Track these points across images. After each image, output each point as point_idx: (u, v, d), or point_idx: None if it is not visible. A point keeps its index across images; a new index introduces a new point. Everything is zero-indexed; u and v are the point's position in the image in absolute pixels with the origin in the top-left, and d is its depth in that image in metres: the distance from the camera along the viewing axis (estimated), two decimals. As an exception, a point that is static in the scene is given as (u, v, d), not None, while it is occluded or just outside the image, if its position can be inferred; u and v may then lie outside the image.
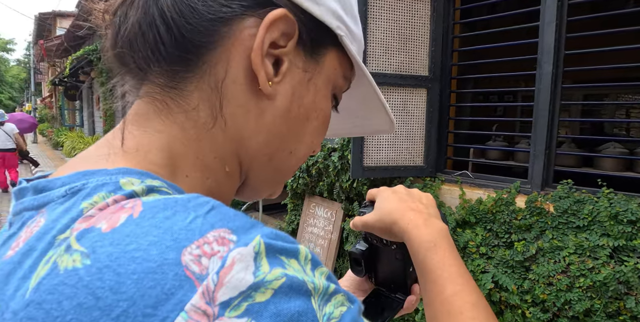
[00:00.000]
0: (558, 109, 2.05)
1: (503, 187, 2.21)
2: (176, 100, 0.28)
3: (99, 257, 0.18)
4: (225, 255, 0.19)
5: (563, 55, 2.02)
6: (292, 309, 0.18)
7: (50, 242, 0.20)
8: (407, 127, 2.40)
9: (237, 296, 0.18)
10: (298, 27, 0.29)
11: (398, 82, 2.32)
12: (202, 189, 0.29)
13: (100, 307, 0.17)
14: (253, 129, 0.30)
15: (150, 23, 0.27)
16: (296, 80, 0.31)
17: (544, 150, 2.06)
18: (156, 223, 0.19)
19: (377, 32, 2.26)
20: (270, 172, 0.34)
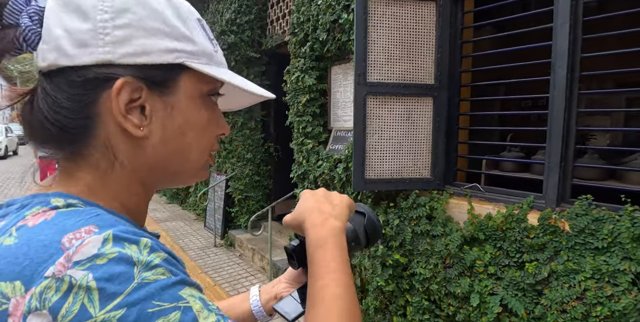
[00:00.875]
0: (575, 117, 1.88)
1: (515, 202, 2.05)
2: (84, 162, 0.40)
3: (22, 239, 0.32)
4: (85, 238, 0.31)
5: (579, 58, 1.85)
6: (116, 270, 0.30)
7: (4, 232, 0.34)
8: (412, 138, 2.29)
9: (84, 259, 0.30)
10: (141, 80, 0.39)
11: (401, 91, 2.23)
12: (113, 207, 0.41)
13: (17, 262, 0.30)
14: (144, 162, 0.42)
15: (44, 126, 0.39)
16: (161, 114, 0.41)
17: (559, 163, 1.89)
18: (57, 222, 0.33)
19: (378, 40, 2.19)
20: (175, 177, 0.45)
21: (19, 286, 0.29)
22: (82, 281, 0.29)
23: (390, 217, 2.35)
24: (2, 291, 0.29)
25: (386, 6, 2.18)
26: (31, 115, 0.40)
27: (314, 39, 2.81)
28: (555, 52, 1.88)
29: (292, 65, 3.08)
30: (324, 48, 2.78)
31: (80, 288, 0.29)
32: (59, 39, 0.37)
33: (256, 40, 4.22)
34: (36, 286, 0.29)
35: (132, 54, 0.38)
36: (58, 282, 0.29)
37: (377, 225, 0.56)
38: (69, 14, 0.37)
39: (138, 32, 0.38)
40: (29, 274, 0.30)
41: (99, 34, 0.37)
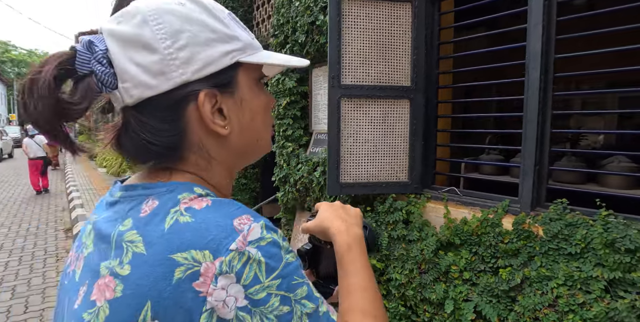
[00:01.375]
0: (549, 119, 1.84)
1: (491, 206, 2.00)
2: (187, 163, 0.48)
3: (197, 219, 0.40)
4: (249, 224, 0.40)
5: (553, 59, 1.82)
6: (273, 251, 0.40)
7: (167, 210, 0.42)
8: (388, 141, 2.25)
9: (254, 240, 0.39)
10: (214, 88, 0.46)
11: (377, 93, 2.19)
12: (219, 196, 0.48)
13: (202, 236, 0.38)
14: (230, 152, 0.50)
15: (148, 148, 0.46)
16: (234, 111, 0.48)
17: (533, 166, 1.85)
18: (220, 208, 0.42)
19: (352, 42, 2.15)
20: (252, 157, 0.55)
21: (207, 254, 0.38)
22: (255, 256, 0.39)
23: (367, 221, 2.31)
24: (193, 256, 0.38)
25: (360, 8, 2.15)
26: (130, 142, 0.46)
27: (294, 41, 2.78)
28: (529, 53, 1.85)
29: (273, 68, 3.04)
30: (304, 50, 2.75)
31: (254, 261, 0.39)
32: (137, 75, 0.42)
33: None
34: (225, 256, 0.38)
35: (200, 69, 0.44)
36: (240, 255, 0.38)
37: (375, 237, 0.59)
38: (136, 51, 0.42)
39: (196, 48, 0.44)
40: (214, 246, 0.38)
41: (169, 61, 0.42)
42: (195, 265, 0.37)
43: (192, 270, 0.37)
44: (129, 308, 0.37)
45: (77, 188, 7.92)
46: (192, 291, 0.37)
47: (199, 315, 0.37)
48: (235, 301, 0.37)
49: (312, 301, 0.41)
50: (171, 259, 0.38)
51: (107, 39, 0.43)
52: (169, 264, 0.37)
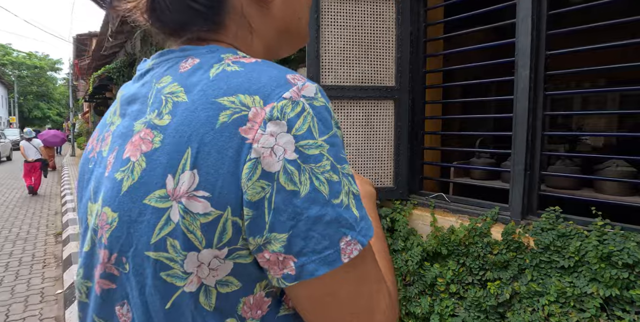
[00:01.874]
0: (541, 120, 1.71)
1: (480, 214, 1.87)
2: (227, 32, 0.44)
3: (248, 69, 0.37)
4: (304, 82, 0.36)
5: (544, 56, 1.69)
6: (325, 115, 0.36)
7: (211, 64, 0.39)
8: (372, 145, 2.13)
9: (308, 96, 0.35)
10: None
11: (358, 94, 2.06)
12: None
13: (252, 82, 0.35)
14: (272, 26, 0.46)
15: (190, 6, 0.41)
16: None
17: (524, 171, 1.72)
18: (271, 64, 0.38)
19: (332, 40, 2.03)
20: (293, 38, 0.50)
21: (258, 99, 0.34)
22: (308, 110, 0.35)
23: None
24: (241, 101, 0.34)
25: (341, 3, 2.02)
26: (169, 5, 0.40)
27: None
28: (517, 50, 1.72)
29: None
30: (286, 49, 2.62)
31: (309, 114, 0.34)
32: None
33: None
34: (277, 102, 0.34)
35: None
36: (294, 104, 0.34)
37: None
38: None
39: None
40: (266, 92, 0.34)
41: None
42: (244, 109, 0.34)
43: (240, 114, 0.34)
44: (167, 157, 0.34)
45: (71, 191, 7.84)
46: (238, 137, 0.33)
47: (242, 164, 0.33)
48: (284, 152, 0.33)
49: (356, 186, 0.37)
50: (216, 102, 0.34)
51: None
52: (213, 107, 0.34)
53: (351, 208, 0.34)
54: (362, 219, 0.35)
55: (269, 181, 0.32)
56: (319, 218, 0.32)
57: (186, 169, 0.33)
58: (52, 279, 4.08)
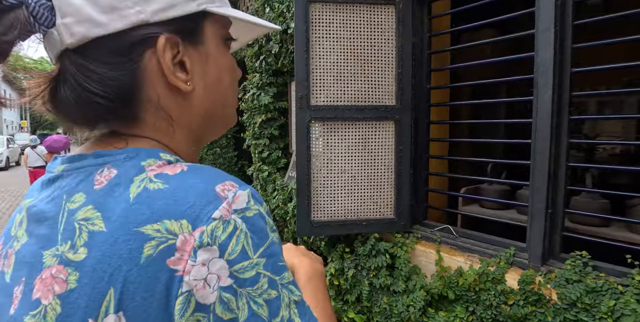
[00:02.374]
0: (565, 150, 1.46)
1: (492, 255, 1.63)
2: (144, 126, 0.39)
3: (172, 185, 0.32)
4: (235, 192, 0.33)
5: (569, 74, 1.44)
6: (259, 225, 0.33)
7: (131, 178, 0.33)
8: (369, 171, 1.89)
9: (239, 210, 0.32)
10: (176, 34, 0.38)
11: (355, 115, 1.83)
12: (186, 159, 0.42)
13: (178, 203, 0.31)
14: (194, 115, 0.42)
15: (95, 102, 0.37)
16: (199, 65, 0.41)
17: (544, 209, 1.47)
18: (199, 174, 0.34)
19: (324, 55, 1.81)
20: (219, 124, 0.47)
21: (185, 224, 0.30)
22: (242, 227, 0.31)
23: (346, 265, 1.95)
24: (167, 228, 0.30)
25: (333, 13, 1.80)
26: (72, 95, 0.36)
27: (267, 51, 2.45)
28: (537, 67, 1.47)
29: (249, 81, 2.73)
30: (278, 61, 2.41)
31: (242, 232, 0.31)
32: (82, 8, 0.34)
33: (226, 50, 3.89)
34: (207, 225, 0.30)
35: (162, 10, 0.37)
36: (225, 224, 0.31)
37: None
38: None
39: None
40: (194, 215, 0.30)
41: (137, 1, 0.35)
42: (170, 238, 0.30)
43: (166, 244, 0.29)
44: (87, 299, 0.29)
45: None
46: (166, 270, 0.29)
47: (174, 299, 0.29)
48: (218, 280, 0.30)
49: (298, 289, 0.35)
50: (139, 232, 0.30)
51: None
52: (136, 239, 0.30)
53: (293, 319, 0.33)
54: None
55: (205, 312, 0.29)
56: None
57: (110, 313, 0.29)
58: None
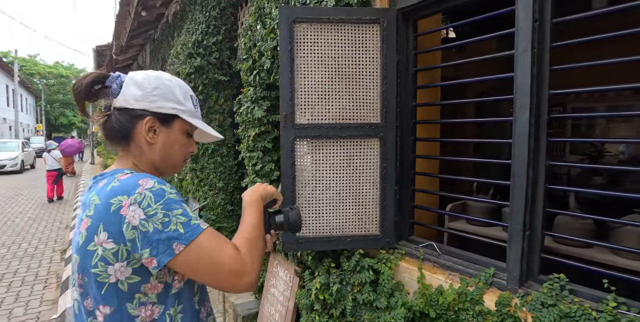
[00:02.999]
0: (543, 172, 1.46)
1: (473, 274, 1.63)
2: (130, 152, 0.90)
3: (121, 182, 0.79)
4: (147, 181, 0.79)
5: (547, 96, 1.44)
6: (158, 192, 0.78)
7: (109, 182, 0.81)
8: (354, 188, 1.91)
9: (148, 188, 0.77)
10: (156, 117, 0.87)
11: (339, 133, 1.86)
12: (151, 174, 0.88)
13: (123, 189, 0.77)
14: (154, 155, 0.90)
15: (115, 133, 0.89)
16: (163, 135, 0.89)
17: (522, 231, 1.46)
18: (134, 176, 0.80)
19: (308, 74, 1.84)
20: (168, 167, 0.93)
21: (126, 197, 0.75)
22: (148, 194, 0.75)
23: (332, 279, 1.97)
24: (119, 199, 0.75)
25: (317, 32, 1.83)
26: (109, 127, 0.88)
27: (260, 66, 2.49)
28: (516, 88, 1.47)
29: (244, 95, 2.77)
30: (270, 77, 2.45)
31: (147, 197, 0.75)
32: (128, 97, 0.86)
33: (225, 62, 3.95)
34: (132, 196, 0.75)
35: (156, 107, 0.87)
36: (140, 195, 0.75)
37: (296, 218, 0.94)
38: (134, 87, 0.86)
39: (161, 98, 0.87)
40: (127, 192, 0.75)
41: (146, 97, 0.86)
42: (120, 202, 0.75)
43: (119, 205, 0.75)
44: (93, 229, 0.76)
45: (83, 203, 7.94)
46: (119, 214, 0.75)
47: (122, 225, 0.74)
48: (139, 216, 0.74)
49: (185, 217, 0.77)
50: (109, 202, 0.76)
51: (128, 78, 0.87)
52: (108, 204, 0.76)
53: (178, 229, 0.75)
54: (187, 231, 0.76)
55: (135, 229, 0.74)
56: (159, 239, 0.74)
57: (101, 232, 0.75)
58: (50, 303, 4.04)
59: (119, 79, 0.85)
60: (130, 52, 7.70)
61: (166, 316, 0.79)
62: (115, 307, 0.76)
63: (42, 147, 20.48)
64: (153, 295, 0.78)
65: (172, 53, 4.52)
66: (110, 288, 0.75)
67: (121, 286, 0.75)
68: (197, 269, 0.75)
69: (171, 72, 4.44)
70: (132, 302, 0.76)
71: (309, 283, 2.13)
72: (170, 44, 5.31)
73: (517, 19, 1.46)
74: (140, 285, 0.76)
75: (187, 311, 0.82)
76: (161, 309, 0.79)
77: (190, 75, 3.83)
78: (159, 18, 5.66)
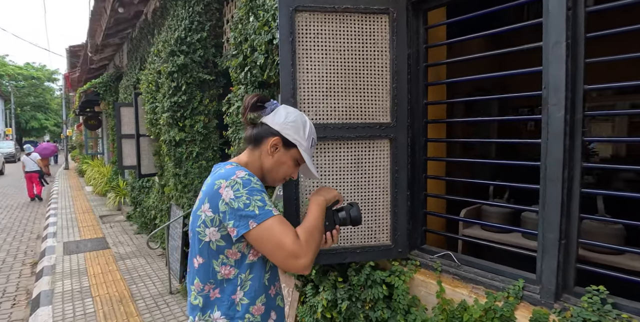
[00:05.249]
0: (578, 176, 1.32)
1: (500, 287, 1.48)
2: (253, 152, 1.13)
3: (225, 170, 1.04)
4: (241, 171, 1.02)
5: (582, 92, 1.31)
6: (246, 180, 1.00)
7: (220, 169, 1.09)
8: (363, 194, 1.74)
9: (240, 176, 1.00)
10: (282, 140, 1.11)
11: (346, 134, 1.68)
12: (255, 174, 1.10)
13: (226, 175, 1.01)
14: (266, 163, 1.12)
15: (252, 137, 1.13)
16: (280, 154, 1.12)
17: (558, 241, 1.32)
18: (235, 168, 1.04)
19: (312, 68, 1.66)
20: (270, 177, 1.15)
21: (224, 181, 0.97)
22: (239, 181, 0.97)
23: (339, 295, 1.79)
24: (220, 182, 0.98)
25: (321, 23, 1.65)
26: (252, 131, 1.11)
27: (252, 63, 2.29)
28: (547, 84, 1.34)
29: (234, 94, 2.56)
30: (264, 73, 2.25)
31: (238, 183, 0.97)
32: (274, 119, 1.10)
33: (210, 60, 3.72)
34: (228, 181, 0.97)
35: (286, 133, 1.09)
36: (234, 181, 0.97)
37: (357, 213, 1.12)
38: (281, 114, 1.11)
39: (292, 129, 1.10)
40: (226, 178, 0.98)
41: (284, 124, 1.09)
42: (221, 184, 0.97)
43: (219, 185, 0.97)
44: (202, 200, 1.00)
45: (56, 212, 7.49)
46: (219, 192, 0.96)
47: (219, 200, 0.96)
48: (230, 196, 0.95)
49: (262, 203, 0.96)
50: (214, 183, 0.98)
51: (282, 107, 1.13)
52: (213, 184, 0.98)
53: (254, 210, 0.94)
54: (261, 213, 0.95)
55: (226, 205, 0.96)
56: (241, 215, 0.94)
57: (206, 202, 0.99)
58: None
59: (274, 105, 1.12)
60: (107, 52, 7.32)
61: (238, 278, 1.01)
62: (206, 260, 1.01)
63: (11, 153, 19.42)
64: (232, 259, 1.00)
65: (152, 51, 4.25)
66: (205, 245, 1.00)
67: (212, 246, 0.99)
68: (265, 245, 0.95)
69: (151, 71, 4.17)
70: (217, 260, 1.00)
71: (312, 299, 1.94)
72: (149, 42, 5.03)
73: (547, 8, 1.32)
74: (225, 249, 0.99)
75: (256, 280, 1.03)
76: (236, 273, 1.01)
77: (173, 74, 3.58)
78: (137, 16, 5.36)
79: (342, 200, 1.19)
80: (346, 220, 1.12)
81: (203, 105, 3.73)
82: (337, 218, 1.13)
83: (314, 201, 1.10)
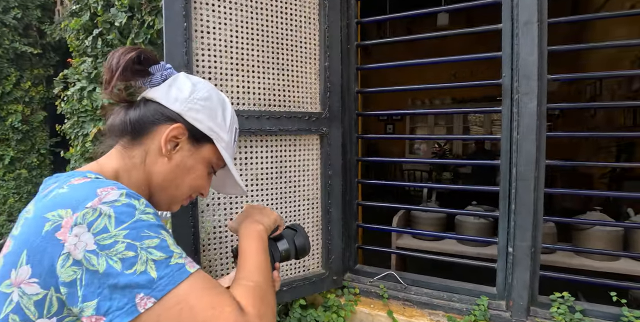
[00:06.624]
0: (543, 175, 1.17)
1: (462, 308, 1.24)
2: (129, 151, 0.62)
3: (71, 189, 0.50)
4: (109, 191, 0.49)
5: (546, 82, 1.16)
6: (124, 209, 0.48)
7: (59, 187, 0.52)
8: (287, 209, 1.29)
9: (108, 201, 0.48)
10: (188, 131, 0.63)
11: (265, 127, 1.21)
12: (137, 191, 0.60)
13: (70, 199, 0.48)
14: (156, 171, 0.63)
15: (125, 124, 0.62)
16: (184, 153, 0.64)
17: (529, 249, 1.15)
18: (94, 183, 0.52)
19: (215, 33, 1.13)
20: (164, 197, 0.66)
21: (69, 211, 0.48)
22: (106, 212, 0.47)
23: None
24: (59, 213, 0.48)
25: (229, -34, 1.13)
26: (121, 117, 0.64)
27: (107, 24, 1.58)
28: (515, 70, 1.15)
29: (74, 70, 1.77)
30: (127, 40, 1.57)
31: (105, 215, 0.47)
32: (169, 93, 0.64)
33: (34, 26, 2.66)
34: (80, 211, 0.47)
35: (194, 118, 0.63)
36: (93, 210, 0.47)
37: (304, 241, 0.76)
38: (183, 85, 0.65)
39: (205, 111, 0.65)
40: (75, 205, 0.48)
41: (190, 101, 0.64)
42: (59, 219, 0.48)
43: (57, 223, 0.47)
44: (13, 257, 0.49)
45: None
46: (55, 239, 0.47)
47: (58, 257, 0.46)
48: (86, 245, 0.46)
49: (163, 252, 0.48)
50: (44, 217, 0.49)
51: (181, 74, 0.68)
52: (41, 221, 0.48)
53: (148, 272, 0.46)
54: (161, 278, 0.46)
55: (79, 266, 0.46)
56: (115, 285, 0.45)
57: (22, 264, 0.47)
58: None
59: (167, 71, 0.68)
60: None
61: None
62: None
63: None
64: None
65: None
66: None
67: None
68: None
69: None
70: None
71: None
72: None
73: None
74: None
75: None
76: None
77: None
78: None
79: (283, 226, 0.79)
80: (289, 252, 0.76)
81: (22, 89, 2.63)
82: (276, 251, 0.75)
83: (249, 232, 0.68)
